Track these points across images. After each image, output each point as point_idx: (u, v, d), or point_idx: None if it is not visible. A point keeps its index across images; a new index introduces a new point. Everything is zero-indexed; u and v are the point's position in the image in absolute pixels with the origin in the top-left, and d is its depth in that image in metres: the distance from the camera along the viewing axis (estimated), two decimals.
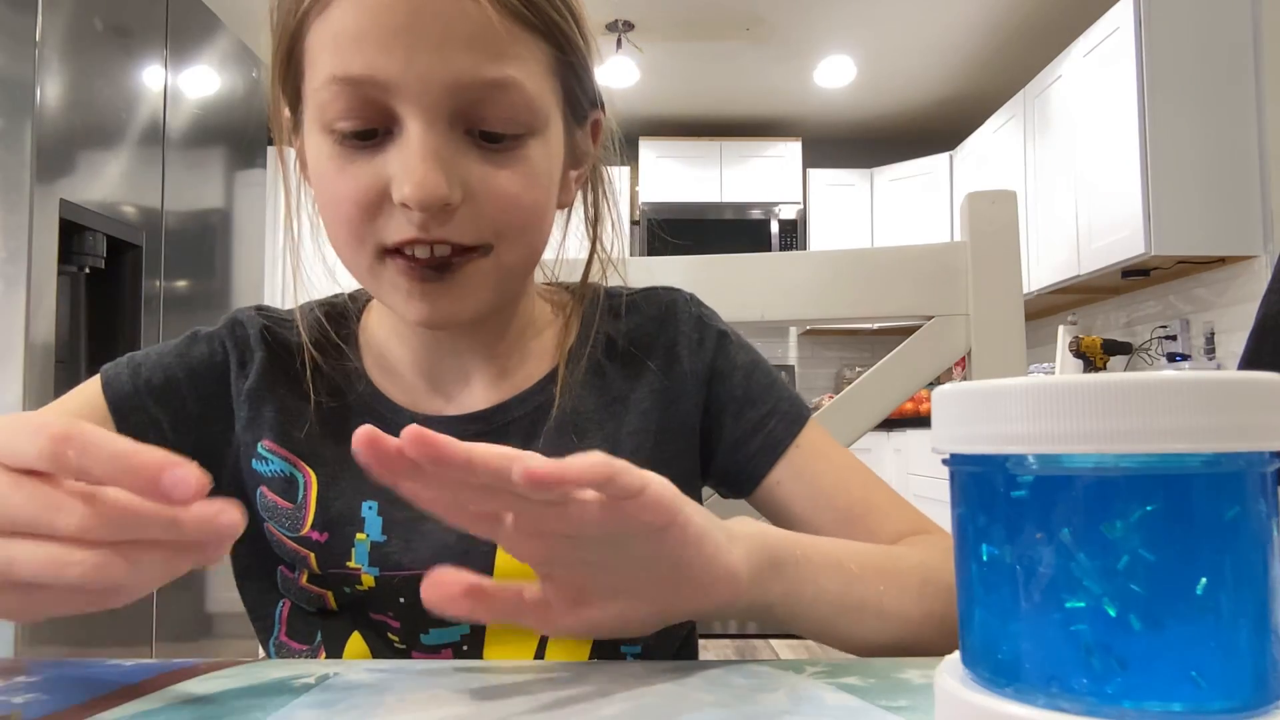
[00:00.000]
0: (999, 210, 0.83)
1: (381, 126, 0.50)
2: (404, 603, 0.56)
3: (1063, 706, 0.22)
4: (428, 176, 0.48)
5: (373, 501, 0.57)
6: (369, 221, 0.51)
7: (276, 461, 0.58)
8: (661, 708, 0.35)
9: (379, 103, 0.49)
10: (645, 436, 0.61)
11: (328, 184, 0.52)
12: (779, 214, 4.52)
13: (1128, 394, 0.22)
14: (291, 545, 0.57)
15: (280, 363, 0.60)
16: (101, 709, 0.34)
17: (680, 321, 0.64)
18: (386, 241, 0.51)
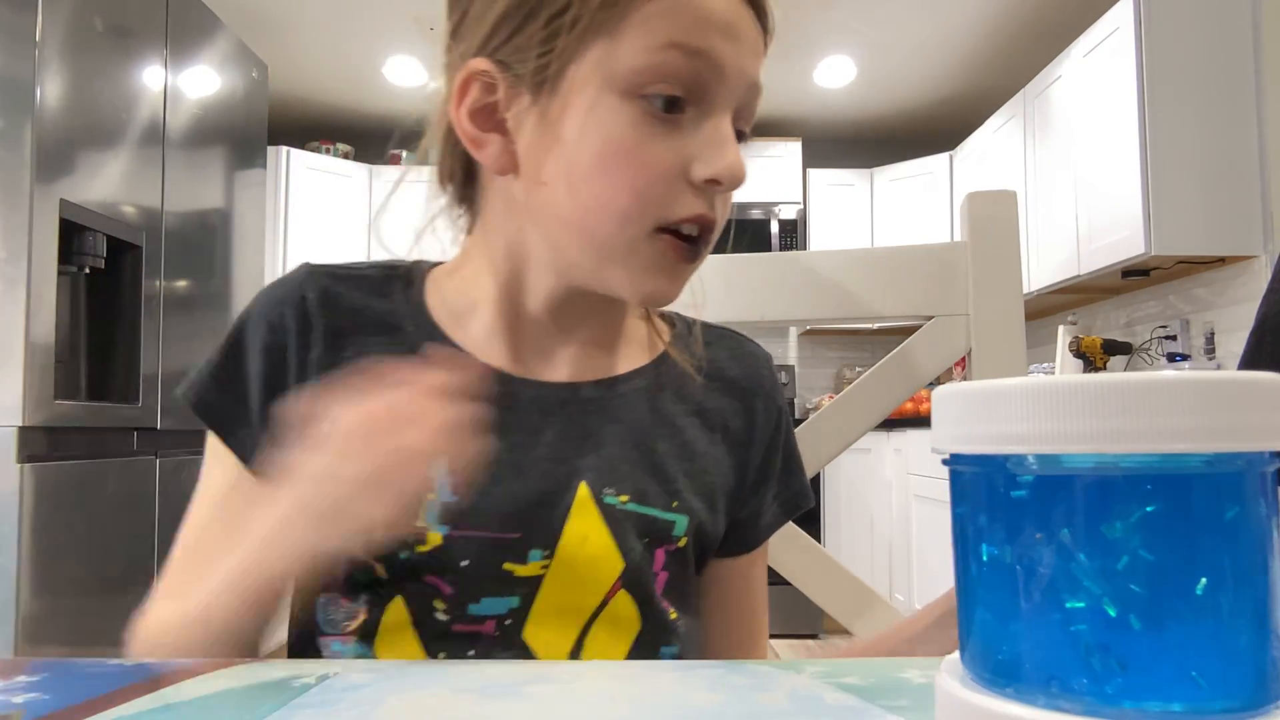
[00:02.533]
0: (999, 210, 0.83)
1: (692, 103, 0.53)
2: (465, 566, 0.55)
3: (1063, 706, 0.22)
4: (739, 159, 0.53)
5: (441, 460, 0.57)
6: (660, 198, 0.53)
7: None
8: (661, 708, 0.35)
9: (703, 81, 0.52)
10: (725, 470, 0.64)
11: (625, 151, 0.52)
12: (779, 214, 4.52)
13: (1128, 394, 0.22)
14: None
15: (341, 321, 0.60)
16: (101, 709, 0.34)
17: (762, 378, 0.68)
18: (672, 217, 0.53)
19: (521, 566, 0.56)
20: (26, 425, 1.75)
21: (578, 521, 0.57)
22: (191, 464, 2.34)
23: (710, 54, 0.52)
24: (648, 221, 0.53)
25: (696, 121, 0.53)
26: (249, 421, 0.58)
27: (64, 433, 1.87)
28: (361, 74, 4.09)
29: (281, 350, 0.59)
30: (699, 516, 0.60)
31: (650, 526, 0.58)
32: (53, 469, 1.82)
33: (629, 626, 0.58)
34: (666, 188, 0.53)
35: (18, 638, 1.71)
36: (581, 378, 0.61)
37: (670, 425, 0.62)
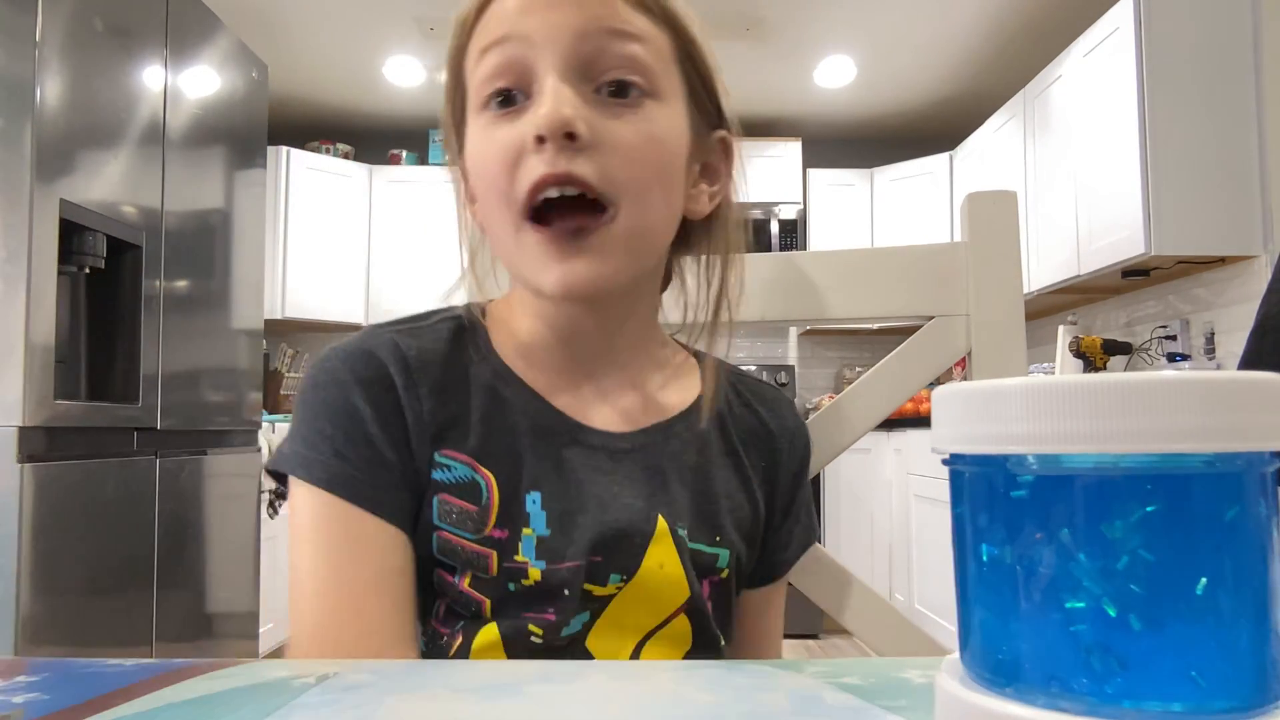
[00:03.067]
0: (999, 210, 0.83)
1: (524, 90, 0.56)
2: (567, 594, 0.58)
3: (1063, 706, 0.22)
4: (554, 105, 0.53)
5: (535, 494, 0.59)
6: (510, 176, 0.55)
7: (459, 467, 0.59)
8: (661, 708, 0.35)
9: (520, 62, 0.55)
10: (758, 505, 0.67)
11: (480, 156, 0.57)
12: (779, 214, 4.52)
13: (1128, 394, 0.22)
14: (473, 548, 0.58)
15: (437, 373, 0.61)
16: (101, 709, 0.34)
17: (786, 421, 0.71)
18: (523, 191, 0.55)
19: (600, 588, 0.59)
20: (26, 425, 1.75)
21: (656, 550, 0.60)
22: (192, 464, 2.34)
23: (511, 35, 0.55)
24: (512, 206, 0.56)
25: (535, 100, 0.55)
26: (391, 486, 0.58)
27: (64, 433, 1.87)
28: (361, 74, 4.09)
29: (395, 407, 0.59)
30: (737, 550, 0.64)
31: (697, 560, 0.62)
32: (53, 469, 1.82)
33: (682, 643, 0.62)
34: (511, 168, 0.55)
35: (18, 638, 1.71)
36: (636, 425, 0.64)
37: (712, 466, 0.65)
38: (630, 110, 0.56)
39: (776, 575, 0.70)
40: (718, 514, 0.64)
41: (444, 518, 0.59)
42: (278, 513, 3.07)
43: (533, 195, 0.55)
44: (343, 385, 0.59)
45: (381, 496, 0.58)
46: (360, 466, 0.57)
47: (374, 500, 0.57)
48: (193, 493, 2.36)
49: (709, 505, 0.64)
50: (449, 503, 0.59)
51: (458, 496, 0.59)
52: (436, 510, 0.59)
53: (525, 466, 0.60)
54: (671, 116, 0.59)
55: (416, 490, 0.59)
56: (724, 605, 0.65)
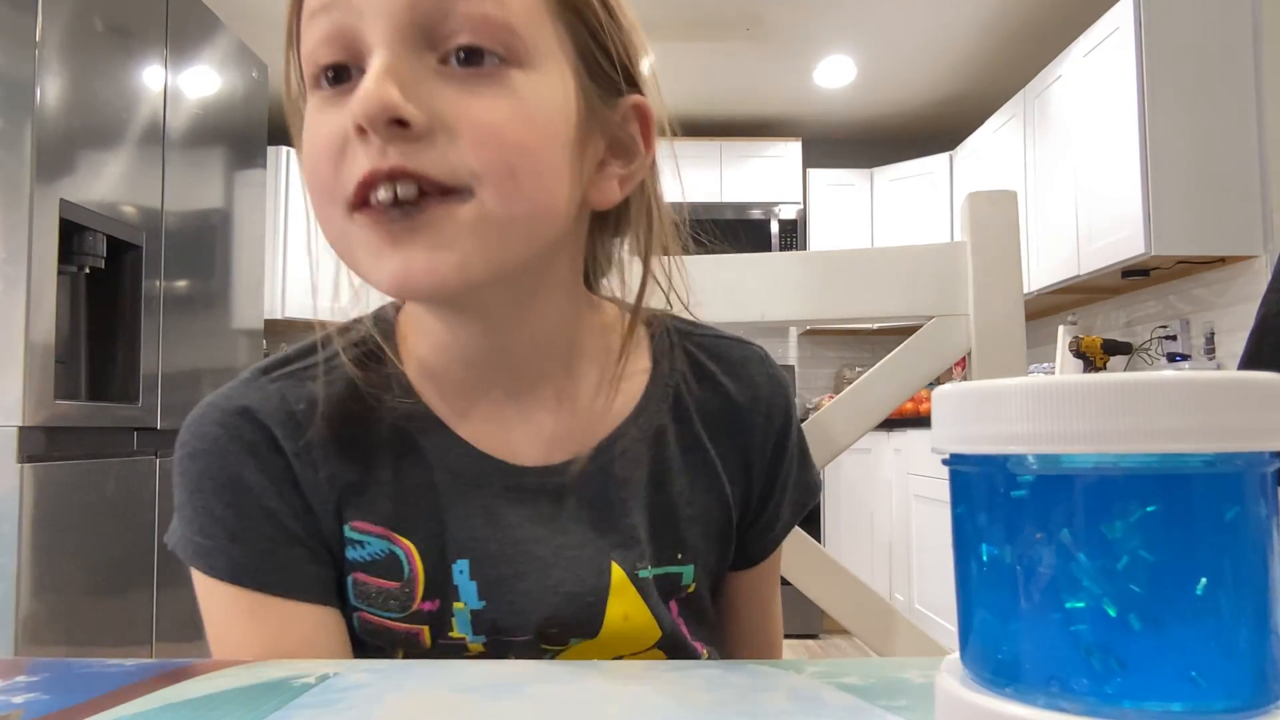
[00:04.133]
0: (999, 210, 0.83)
1: (357, 63, 0.45)
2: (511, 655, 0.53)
3: (1063, 706, 0.22)
4: (373, 87, 0.43)
5: (462, 562, 0.52)
6: (335, 168, 0.45)
7: (373, 541, 0.52)
8: (661, 708, 0.35)
9: (350, 31, 0.45)
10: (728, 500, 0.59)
11: (307, 141, 0.47)
12: (779, 214, 4.52)
13: (1128, 394, 0.22)
14: (401, 627, 0.52)
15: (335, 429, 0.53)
16: (101, 709, 0.34)
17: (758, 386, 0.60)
18: (348, 187, 0.45)
19: (563, 649, 0.53)
20: (26, 425, 1.75)
21: (618, 603, 0.53)
22: None
23: (337, 3, 0.45)
24: (337, 201, 0.46)
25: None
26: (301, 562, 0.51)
27: (64, 433, 1.87)
28: None
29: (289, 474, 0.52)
30: (705, 557, 0.58)
31: (664, 584, 0.56)
32: (53, 469, 1.82)
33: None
34: (334, 159, 0.45)
35: (18, 638, 1.71)
36: (575, 449, 0.55)
37: (669, 472, 0.57)
38: (486, 82, 0.45)
39: (764, 556, 0.63)
40: (678, 527, 0.56)
41: (363, 599, 0.52)
42: None
43: (360, 193, 0.45)
44: (225, 454, 0.51)
45: (294, 577, 0.51)
46: (264, 549, 0.50)
47: (286, 584, 0.50)
48: None
49: (668, 520, 0.56)
50: (366, 583, 0.52)
51: (376, 575, 0.52)
52: (353, 591, 0.52)
53: (448, 530, 0.52)
54: (546, 85, 0.47)
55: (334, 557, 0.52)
56: (698, 615, 0.59)
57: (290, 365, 0.55)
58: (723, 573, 0.62)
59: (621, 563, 0.54)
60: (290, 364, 0.55)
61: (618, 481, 0.55)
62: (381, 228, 0.45)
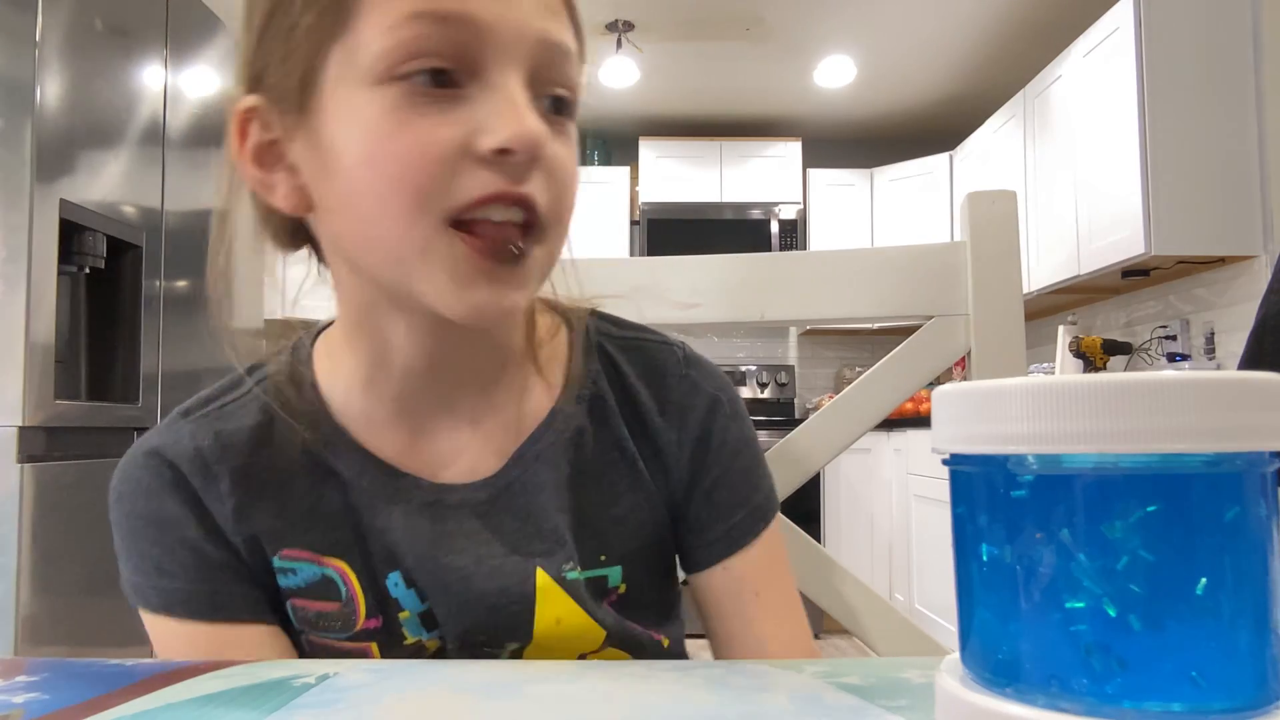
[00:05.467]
0: (999, 210, 0.83)
1: (465, 76, 0.45)
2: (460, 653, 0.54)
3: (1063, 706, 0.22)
4: (534, 124, 0.45)
5: (395, 574, 0.54)
6: (443, 181, 0.45)
7: (304, 567, 0.53)
8: (661, 708, 0.35)
9: (469, 48, 0.45)
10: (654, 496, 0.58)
11: (387, 137, 0.45)
12: (779, 214, 4.52)
13: (1128, 394, 0.22)
14: (348, 647, 0.53)
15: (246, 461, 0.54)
16: (101, 709, 0.34)
17: (669, 387, 0.60)
18: (463, 200, 0.45)
19: (501, 651, 0.55)
20: (26, 425, 1.75)
21: (547, 608, 0.54)
22: None
23: (468, 17, 0.44)
24: (434, 212, 0.45)
25: (477, 93, 0.46)
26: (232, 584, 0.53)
27: (64, 433, 1.87)
28: None
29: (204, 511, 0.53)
30: (638, 556, 0.58)
31: (592, 587, 0.56)
32: (53, 469, 1.82)
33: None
34: (447, 169, 0.45)
35: (18, 638, 1.71)
36: (497, 460, 0.55)
37: (585, 474, 0.57)
38: (564, 130, 0.49)
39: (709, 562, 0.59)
40: (601, 530, 0.56)
41: (305, 623, 0.53)
42: None
43: (472, 209, 0.45)
44: (146, 493, 0.53)
45: (225, 601, 0.52)
46: (193, 578, 0.52)
47: (216, 609, 0.52)
48: None
49: (589, 522, 0.56)
50: (305, 608, 0.53)
51: (312, 599, 0.53)
52: (294, 616, 0.53)
53: (373, 547, 0.53)
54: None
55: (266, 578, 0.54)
56: (644, 609, 0.58)
57: (207, 405, 0.56)
58: (671, 572, 0.61)
59: (547, 568, 0.54)
60: (208, 404, 0.56)
61: (535, 486, 0.55)
62: (486, 259, 0.46)
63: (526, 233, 0.47)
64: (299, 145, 0.49)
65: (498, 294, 0.47)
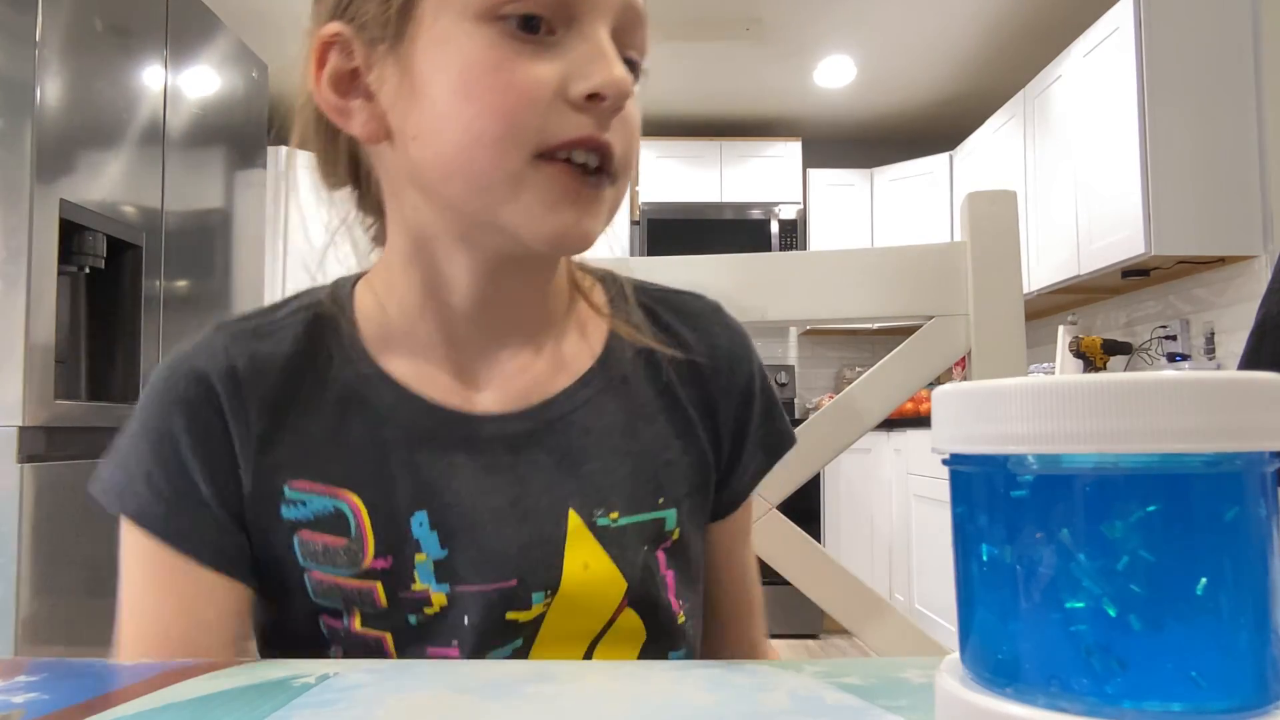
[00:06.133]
0: (999, 210, 0.83)
1: (557, 24, 0.49)
2: (468, 624, 0.52)
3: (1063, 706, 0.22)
4: (622, 72, 0.49)
5: (421, 513, 0.53)
6: (537, 118, 0.48)
7: (315, 499, 0.53)
8: (662, 708, 0.35)
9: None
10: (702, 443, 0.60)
11: (487, 72, 0.48)
12: (779, 214, 4.52)
13: (1128, 394, 0.22)
14: (353, 584, 0.52)
15: (278, 386, 0.54)
16: (101, 709, 0.34)
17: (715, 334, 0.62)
18: (553, 140, 0.48)
19: (525, 613, 0.53)
20: (26, 425, 1.75)
21: (575, 552, 0.54)
22: None
23: None
24: (526, 146, 0.48)
25: (568, 41, 0.49)
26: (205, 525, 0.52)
27: (64, 433, 1.87)
28: None
29: (220, 432, 0.52)
30: (686, 503, 0.58)
31: (645, 531, 0.56)
32: (53, 469, 1.82)
33: (635, 638, 0.56)
34: (541, 108, 0.48)
35: (18, 638, 1.71)
36: (538, 396, 0.56)
37: (639, 417, 0.58)
38: (634, 92, 0.52)
39: (736, 503, 0.63)
40: (654, 472, 0.57)
41: (310, 557, 0.52)
42: None
43: (560, 148, 0.49)
44: (164, 404, 0.53)
45: (196, 537, 0.52)
46: (173, 501, 0.52)
47: (187, 540, 0.52)
48: None
49: (645, 465, 0.57)
50: (311, 541, 0.52)
51: (320, 531, 0.52)
52: (300, 551, 0.52)
53: (400, 486, 0.53)
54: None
55: (253, 528, 0.53)
56: (686, 567, 0.58)
57: (247, 322, 0.56)
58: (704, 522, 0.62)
59: (579, 510, 0.54)
60: (248, 320, 0.56)
61: (580, 430, 0.56)
62: (573, 185, 0.49)
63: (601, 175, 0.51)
64: (385, 73, 0.51)
65: (581, 219, 0.50)
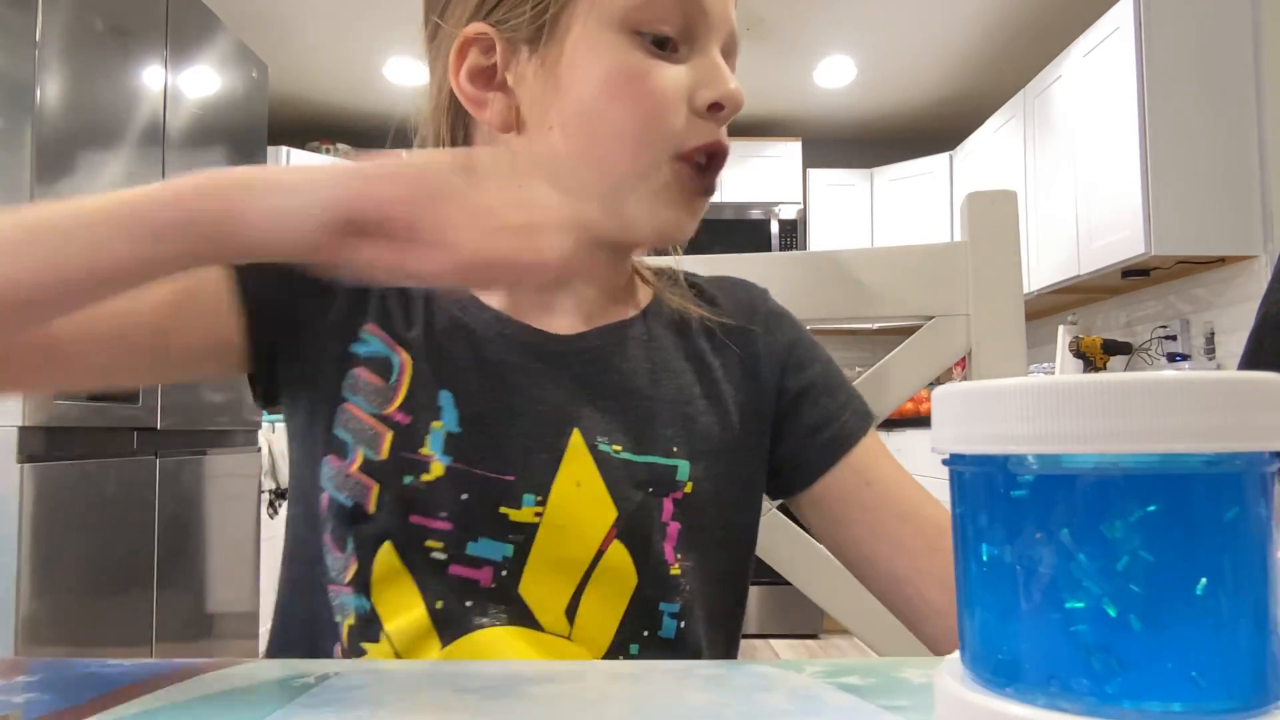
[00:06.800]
0: (999, 210, 0.83)
1: (680, 43, 0.57)
2: (465, 499, 0.55)
3: (1063, 706, 0.22)
4: (738, 86, 0.56)
5: (448, 391, 0.58)
6: (669, 122, 0.56)
7: (376, 343, 0.59)
8: (662, 708, 0.35)
9: (691, 21, 0.56)
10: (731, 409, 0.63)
11: (630, 79, 0.56)
12: (779, 214, 4.52)
13: (1128, 394, 0.22)
14: (369, 420, 0.57)
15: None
16: (101, 709, 0.34)
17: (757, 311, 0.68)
18: (685, 145, 0.56)
19: (515, 511, 0.55)
20: (26, 425, 1.75)
21: (570, 467, 0.57)
22: (192, 464, 2.34)
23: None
24: (661, 148, 0.56)
25: (688, 58, 0.57)
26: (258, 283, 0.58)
27: (64, 433, 1.87)
28: (361, 74, 4.09)
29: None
30: (706, 460, 0.60)
31: (650, 474, 0.58)
32: (53, 469, 1.82)
33: (625, 581, 0.57)
34: (673, 114, 0.56)
35: (18, 638, 1.71)
36: (577, 329, 0.62)
37: (664, 369, 0.63)
38: None
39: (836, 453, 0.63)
40: (672, 422, 0.60)
41: (351, 389, 0.58)
42: (278, 512, 3.07)
43: (691, 153, 0.57)
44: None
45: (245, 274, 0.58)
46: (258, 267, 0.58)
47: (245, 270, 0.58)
48: (193, 493, 2.36)
49: (663, 413, 0.60)
50: (359, 376, 0.59)
51: (370, 370, 0.59)
52: (347, 382, 0.59)
53: (445, 361, 0.59)
54: None
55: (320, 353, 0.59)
56: (697, 527, 0.59)
57: None
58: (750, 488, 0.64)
59: (584, 432, 0.58)
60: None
61: (604, 365, 0.61)
62: (697, 187, 0.58)
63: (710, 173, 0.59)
64: (525, 71, 0.58)
65: (690, 216, 0.59)
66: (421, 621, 0.54)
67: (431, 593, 0.54)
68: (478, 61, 0.59)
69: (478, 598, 0.54)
